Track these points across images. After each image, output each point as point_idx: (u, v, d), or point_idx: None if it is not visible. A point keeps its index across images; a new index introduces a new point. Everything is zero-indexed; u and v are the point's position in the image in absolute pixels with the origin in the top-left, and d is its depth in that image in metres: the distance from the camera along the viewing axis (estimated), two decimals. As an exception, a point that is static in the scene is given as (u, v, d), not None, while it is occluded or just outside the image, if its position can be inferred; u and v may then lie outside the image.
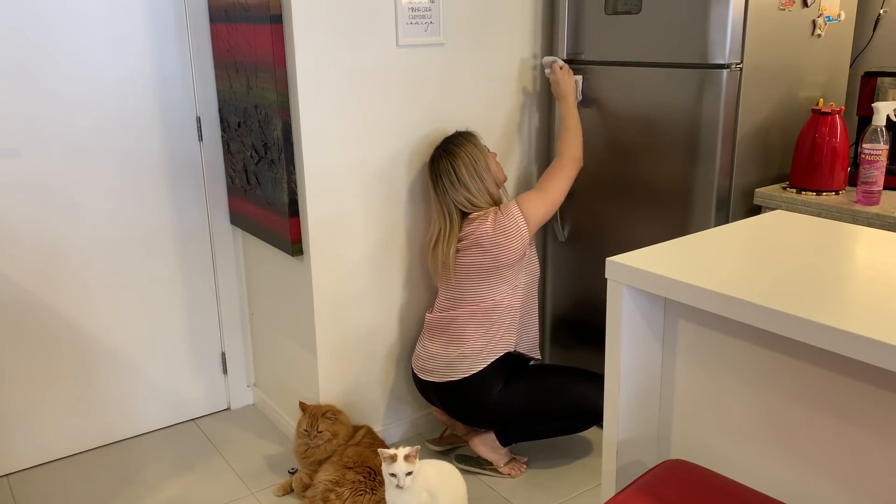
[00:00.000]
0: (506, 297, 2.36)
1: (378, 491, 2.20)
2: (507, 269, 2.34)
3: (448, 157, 2.36)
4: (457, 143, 2.38)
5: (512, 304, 2.37)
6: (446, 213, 2.37)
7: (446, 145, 2.39)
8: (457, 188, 2.34)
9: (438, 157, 2.39)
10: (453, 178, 2.34)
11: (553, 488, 2.45)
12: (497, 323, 2.36)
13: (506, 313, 2.37)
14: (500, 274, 2.34)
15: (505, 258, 2.32)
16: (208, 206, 2.77)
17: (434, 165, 2.40)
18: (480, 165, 2.36)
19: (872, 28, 2.57)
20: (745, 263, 1.46)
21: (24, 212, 2.46)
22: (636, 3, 2.35)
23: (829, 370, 1.32)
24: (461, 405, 2.41)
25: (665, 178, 2.37)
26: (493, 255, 2.32)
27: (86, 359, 2.66)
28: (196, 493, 2.47)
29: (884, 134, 2.10)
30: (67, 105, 2.46)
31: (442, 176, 2.36)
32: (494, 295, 2.36)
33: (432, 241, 2.42)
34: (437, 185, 2.38)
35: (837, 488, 1.35)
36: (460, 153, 2.35)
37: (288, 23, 2.21)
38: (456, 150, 2.36)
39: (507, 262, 2.33)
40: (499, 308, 2.36)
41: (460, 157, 2.35)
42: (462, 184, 2.34)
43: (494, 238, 2.30)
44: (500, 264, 2.33)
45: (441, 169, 2.36)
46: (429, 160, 2.44)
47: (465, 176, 2.34)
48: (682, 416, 1.60)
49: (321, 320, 2.47)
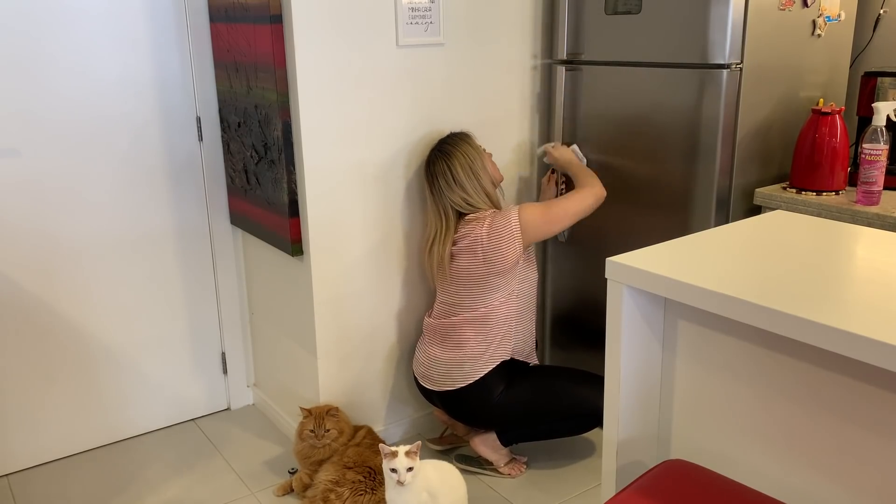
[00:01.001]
0: (500, 304, 2.35)
1: (378, 491, 2.20)
2: (498, 276, 2.33)
3: (443, 157, 2.36)
4: (452, 144, 2.37)
5: (508, 312, 2.37)
6: (442, 214, 2.37)
7: (441, 146, 2.39)
8: (453, 188, 2.34)
9: (434, 157, 2.39)
10: (449, 179, 2.34)
11: (553, 488, 2.45)
12: (494, 330, 2.36)
13: (501, 321, 2.36)
14: (492, 281, 2.33)
15: (497, 264, 2.30)
16: (208, 206, 2.77)
17: (430, 167, 2.39)
18: (476, 165, 2.35)
19: (872, 28, 2.57)
20: (746, 263, 1.46)
21: (24, 212, 2.46)
22: (636, 3, 2.35)
23: (829, 370, 1.32)
24: (463, 409, 2.41)
25: (665, 178, 2.37)
26: (484, 260, 2.31)
27: (86, 359, 2.66)
28: (196, 493, 2.47)
29: (884, 134, 2.10)
30: (67, 105, 2.46)
31: (438, 176, 2.35)
32: (488, 303, 2.35)
33: (429, 243, 2.42)
34: (433, 186, 2.38)
35: (837, 488, 1.35)
36: (456, 153, 2.35)
37: (288, 23, 2.21)
38: (451, 150, 2.36)
39: (499, 270, 2.31)
40: (493, 315, 2.35)
41: (456, 157, 2.34)
42: (458, 184, 2.33)
43: (487, 242, 2.29)
44: (491, 270, 2.31)
45: (437, 170, 2.36)
46: (424, 161, 2.43)
47: (461, 176, 2.33)
48: (682, 416, 1.60)
49: (321, 320, 2.47)
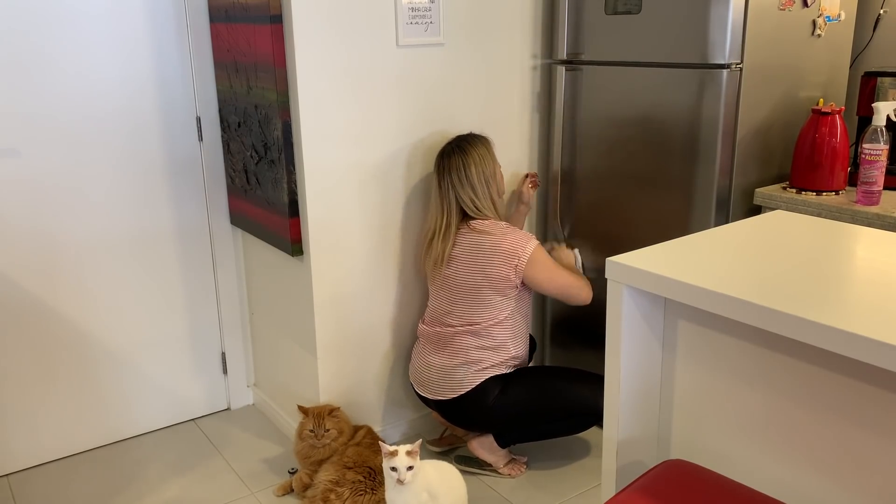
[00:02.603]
0: (497, 322, 2.35)
1: (378, 491, 2.20)
2: (494, 293, 2.33)
3: (461, 153, 2.35)
4: (471, 143, 2.37)
5: (504, 329, 2.37)
6: (446, 210, 2.36)
7: (460, 142, 2.38)
8: (464, 186, 2.33)
9: (451, 151, 2.37)
10: (462, 175, 2.34)
11: (553, 488, 2.45)
12: (490, 341, 2.36)
13: (498, 336, 2.37)
14: (487, 296, 2.33)
15: (495, 280, 2.31)
16: (208, 206, 2.77)
17: (444, 159, 2.38)
18: (489, 170, 2.35)
19: (872, 28, 2.57)
20: (746, 263, 1.46)
21: (24, 212, 2.46)
22: (636, 3, 2.35)
23: (829, 370, 1.32)
24: (460, 416, 2.41)
25: (665, 178, 2.37)
26: (484, 272, 2.31)
27: (86, 359, 2.66)
28: (196, 494, 2.47)
29: (884, 134, 2.10)
30: (67, 105, 2.46)
31: (451, 171, 2.35)
32: (485, 318, 2.35)
33: (427, 238, 2.42)
34: (442, 180, 2.37)
35: (837, 488, 1.35)
36: (473, 153, 2.35)
37: (288, 23, 2.21)
38: (469, 149, 2.35)
39: (496, 287, 2.32)
40: (491, 330, 2.35)
41: (472, 157, 2.34)
42: (469, 183, 2.33)
43: (492, 255, 2.29)
44: (486, 284, 2.32)
45: (451, 164, 2.35)
46: (439, 153, 2.41)
47: (474, 176, 2.33)
48: (682, 416, 1.60)
49: (321, 320, 2.47)
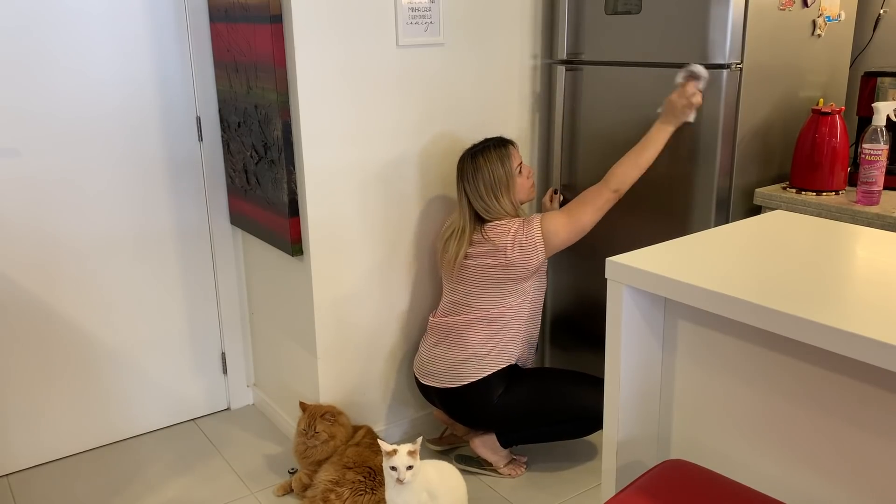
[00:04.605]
0: (513, 307, 2.36)
1: (378, 491, 2.20)
2: (516, 282, 2.34)
3: (473, 165, 2.34)
4: (486, 158, 2.33)
5: (519, 314, 2.37)
6: (466, 210, 2.37)
7: (475, 155, 2.35)
8: (475, 196, 2.34)
9: (465, 157, 2.37)
10: (471, 188, 2.34)
11: (553, 488, 2.45)
12: (502, 332, 2.36)
13: (511, 323, 2.37)
14: (508, 286, 2.34)
15: (516, 273, 2.31)
16: (208, 206, 2.77)
17: (460, 163, 2.39)
18: (501, 186, 2.32)
19: (872, 28, 2.57)
20: (746, 263, 1.46)
21: (24, 211, 2.46)
22: (636, 3, 2.35)
23: (829, 370, 1.32)
24: (463, 409, 2.41)
25: (665, 178, 2.37)
26: (505, 269, 2.31)
27: (86, 359, 2.66)
28: (196, 494, 2.47)
29: (884, 134, 2.10)
30: (67, 104, 2.46)
31: (464, 178, 2.36)
32: (501, 305, 2.35)
33: (445, 235, 2.43)
34: (458, 183, 2.38)
35: (837, 488, 1.35)
36: (484, 169, 2.32)
37: (288, 23, 2.21)
38: (481, 165, 2.33)
39: (518, 277, 2.33)
40: (504, 317, 2.36)
41: (482, 174, 2.32)
42: (477, 192, 2.33)
43: (510, 253, 2.29)
44: (509, 276, 2.32)
45: (465, 170, 2.36)
46: (461, 155, 2.41)
47: (482, 190, 2.32)
48: (682, 416, 1.60)
49: (321, 320, 2.47)
